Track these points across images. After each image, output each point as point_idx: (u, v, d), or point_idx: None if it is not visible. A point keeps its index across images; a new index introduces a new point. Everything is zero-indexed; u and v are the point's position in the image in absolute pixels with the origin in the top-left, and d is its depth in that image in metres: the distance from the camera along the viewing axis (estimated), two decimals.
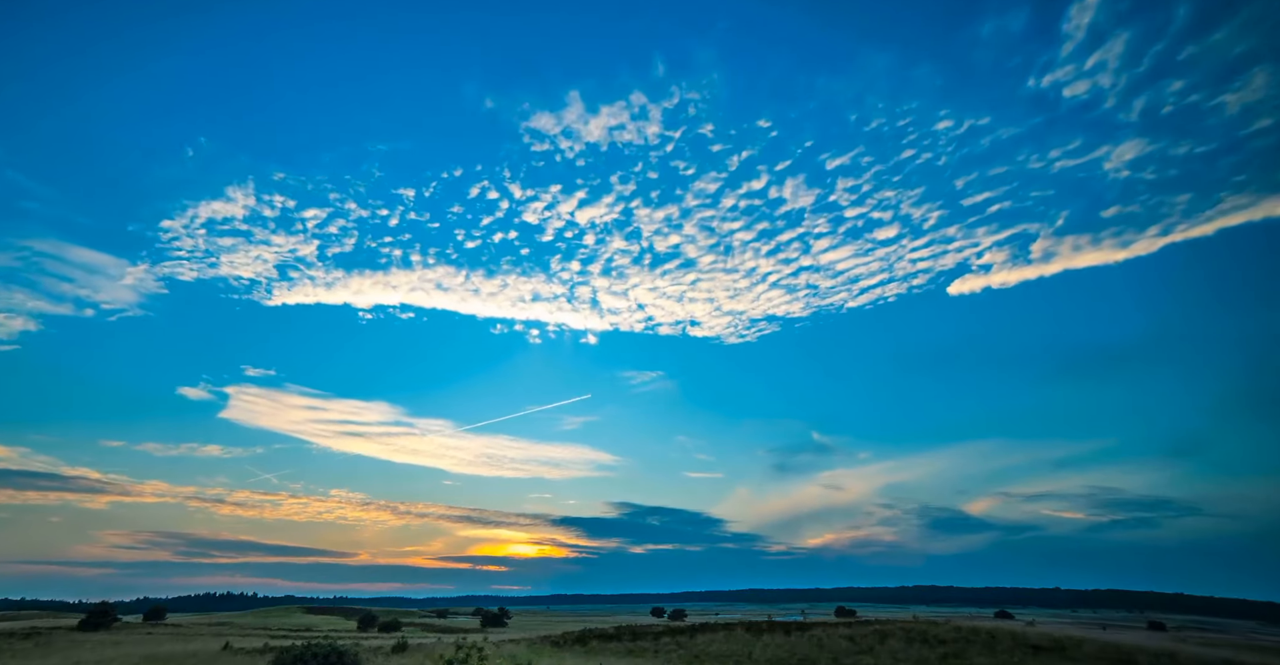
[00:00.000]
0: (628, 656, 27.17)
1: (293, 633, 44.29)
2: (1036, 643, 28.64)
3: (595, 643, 30.74)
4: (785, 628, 33.53)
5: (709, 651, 27.34)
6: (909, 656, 25.86)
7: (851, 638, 29.74)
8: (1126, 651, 27.30)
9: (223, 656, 26.18)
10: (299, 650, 19.84)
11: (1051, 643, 28.72)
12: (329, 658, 19.57)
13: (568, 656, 26.21)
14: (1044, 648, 27.67)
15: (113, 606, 46.50)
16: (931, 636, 29.88)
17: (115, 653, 27.70)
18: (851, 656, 25.89)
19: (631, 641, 30.61)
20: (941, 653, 26.51)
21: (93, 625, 41.58)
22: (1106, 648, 28.33)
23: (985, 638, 29.68)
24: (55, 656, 27.31)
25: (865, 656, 25.87)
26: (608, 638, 32.38)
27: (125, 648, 29.93)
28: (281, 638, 37.42)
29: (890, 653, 26.45)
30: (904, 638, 29.65)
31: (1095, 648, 28.21)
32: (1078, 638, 31.29)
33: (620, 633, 34.29)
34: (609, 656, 26.97)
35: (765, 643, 28.69)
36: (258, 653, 27.15)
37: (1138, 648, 28.73)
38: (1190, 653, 28.68)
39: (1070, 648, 27.88)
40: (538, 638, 34.41)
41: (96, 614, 42.93)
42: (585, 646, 29.55)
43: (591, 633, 35.00)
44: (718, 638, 30.45)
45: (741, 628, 33.96)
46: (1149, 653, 27.29)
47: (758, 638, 30.07)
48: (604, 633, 34.71)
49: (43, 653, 28.90)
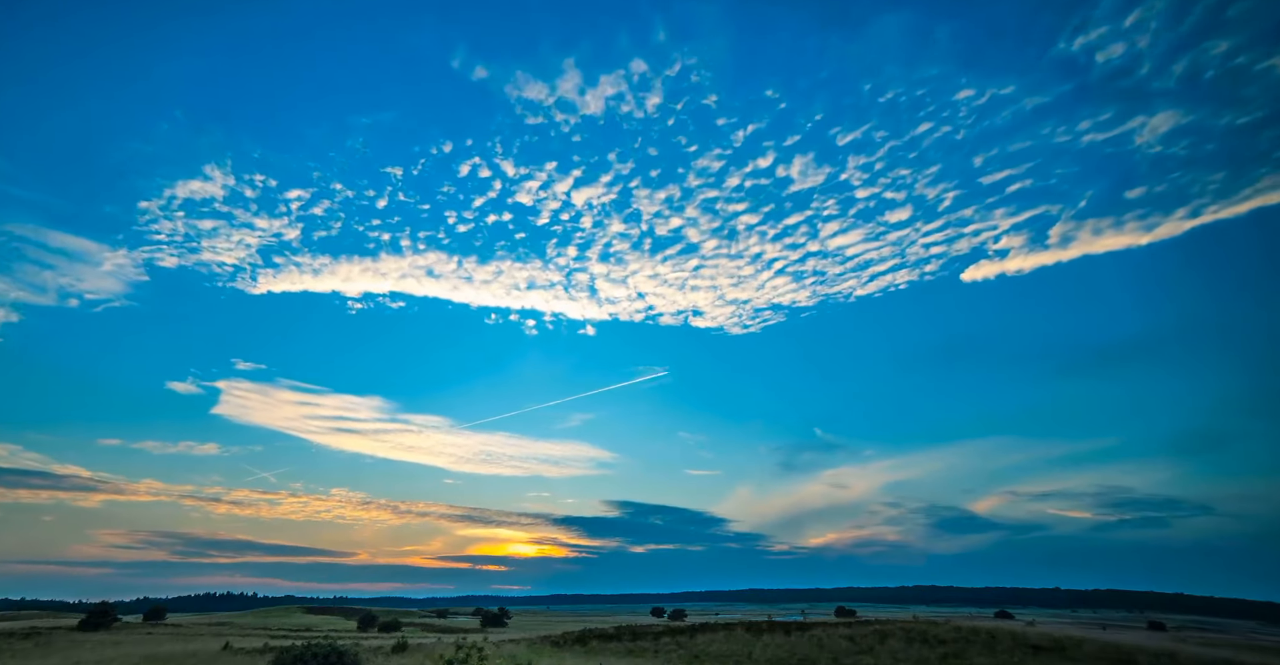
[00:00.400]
0: (628, 656, 27.17)
1: (293, 633, 44.29)
2: (1036, 643, 28.65)
3: (595, 643, 30.74)
4: (785, 628, 33.54)
5: (709, 651, 27.34)
6: (909, 656, 25.86)
7: (851, 638, 29.75)
8: (1126, 651, 27.31)
9: (223, 656, 26.18)
10: (299, 650, 19.84)
11: (1051, 643, 28.72)
12: (329, 658, 19.57)
13: (568, 656, 26.21)
14: (1044, 648, 27.67)
15: (113, 606, 46.51)
16: (931, 636, 29.89)
17: (115, 653, 27.70)
18: (851, 656, 25.89)
19: (631, 641, 30.61)
20: (941, 653, 26.51)
21: (93, 625, 41.58)
22: (1106, 648, 28.34)
23: (985, 638, 29.69)
24: (55, 656, 27.31)
25: (865, 656, 25.87)
26: (608, 638, 32.39)
27: (125, 648, 29.93)
28: (281, 638, 37.42)
29: (890, 653, 26.45)
30: (904, 638, 29.66)
31: (1095, 648, 28.22)
32: (1078, 638, 31.30)
33: (620, 633, 34.30)
34: (609, 656, 26.97)
35: (765, 643, 28.69)
36: (258, 653, 27.15)
37: (1138, 648, 28.74)
38: (1190, 653, 28.69)
39: (1070, 648, 27.88)
40: (538, 638, 34.42)
41: (96, 614, 42.93)
42: (585, 646, 29.55)
43: (591, 633, 35.01)
44: (718, 638, 30.45)
45: (741, 628, 33.97)
46: (1149, 653, 27.30)
47: (758, 638, 30.07)
48: (604, 633, 34.72)
49: (42, 653, 28.90)
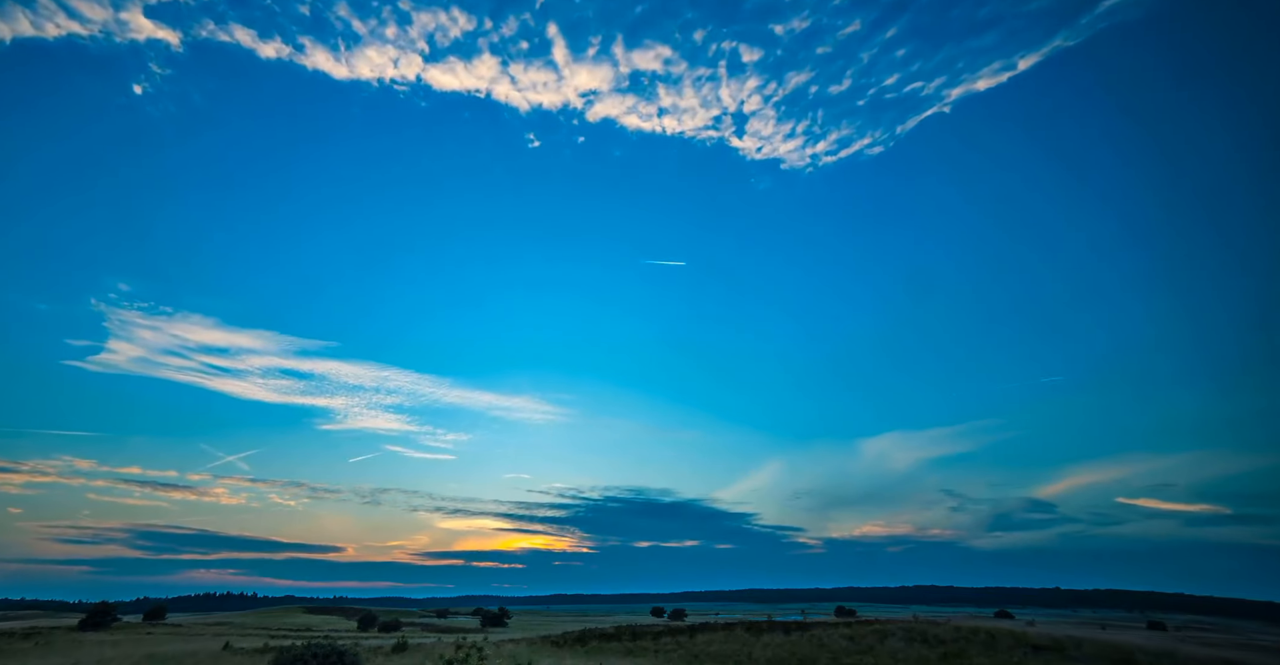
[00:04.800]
0: (628, 656, 27.17)
1: (293, 633, 44.30)
2: (1036, 643, 28.64)
3: (595, 642, 30.74)
4: (785, 627, 33.53)
5: (709, 651, 27.34)
6: (909, 656, 25.85)
7: (851, 637, 29.74)
8: (1126, 651, 27.30)
9: (223, 656, 26.17)
10: (299, 650, 19.83)
11: (1051, 643, 28.72)
12: (329, 658, 19.56)
13: (568, 656, 26.21)
14: (1044, 648, 27.66)
15: (113, 606, 46.51)
16: (931, 636, 29.88)
17: (115, 652, 27.69)
18: (851, 656, 25.88)
19: (631, 641, 30.61)
20: (941, 652, 26.50)
21: (92, 625, 41.59)
22: (1106, 648, 28.34)
23: (985, 638, 29.68)
24: (55, 656, 27.29)
25: (865, 656, 25.86)
26: (608, 637, 32.39)
27: (125, 647, 29.92)
28: (281, 638, 37.43)
29: (890, 652, 26.44)
30: (904, 637, 29.65)
31: (1095, 648, 28.22)
32: (1078, 638, 31.30)
33: (620, 632, 34.30)
34: (609, 656, 26.97)
35: (765, 642, 28.69)
36: (258, 652, 27.15)
37: (1137, 648, 28.72)
38: (1190, 653, 28.68)
39: (1070, 648, 27.87)
40: (538, 638, 34.43)
41: (96, 614, 42.94)
42: (585, 646, 29.55)
43: (591, 632, 35.01)
44: (718, 637, 30.45)
45: (741, 627, 33.96)
46: (1149, 653, 27.29)
47: (758, 637, 30.06)
48: (604, 632, 34.72)
49: (42, 652, 28.89)
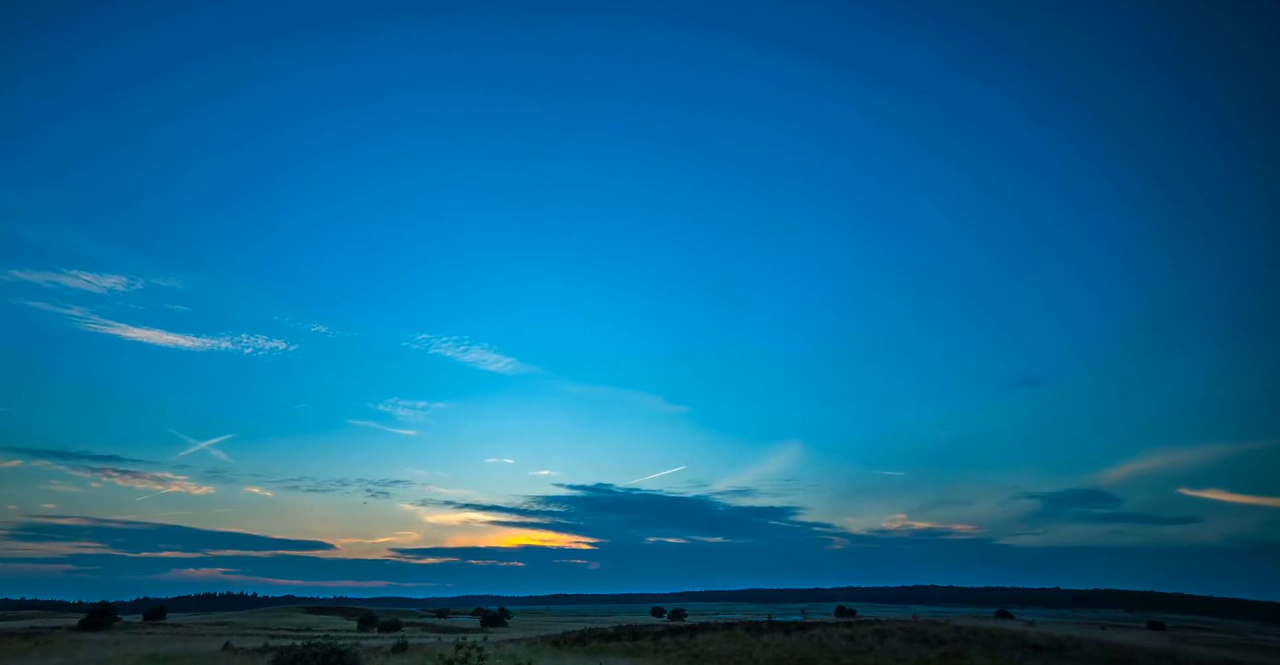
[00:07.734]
0: (628, 656, 27.17)
1: (293, 632, 44.28)
2: (1036, 643, 28.65)
3: (595, 642, 30.74)
4: (785, 627, 33.53)
5: (709, 651, 27.34)
6: (909, 656, 25.85)
7: (851, 637, 29.74)
8: (1126, 651, 27.30)
9: (223, 656, 26.17)
10: (299, 650, 19.81)
11: (1051, 643, 28.72)
12: (329, 658, 19.54)
13: (568, 656, 26.21)
14: (1044, 648, 27.67)
15: (113, 606, 46.52)
16: (931, 636, 29.88)
17: (115, 652, 27.67)
18: (851, 656, 25.88)
19: (631, 641, 30.61)
20: (941, 652, 26.50)
21: (93, 625, 41.59)
22: (1106, 647, 28.35)
23: (985, 638, 29.68)
24: (55, 656, 27.28)
25: (865, 656, 25.86)
26: (608, 637, 32.39)
27: (125, 647, 29.91)
28: (281, 637, 37.40)
29: (890, 652, 26.44)
30: (904, 637, 29.65)
31: (1095, 648, 28.22)
32: (1078, 638, 31.31)
33: (620, 632, 34.30)
34: (609, 656, 26.97)
35: (765, 642, 28.69)
36: (258, 652, 27.14)
37: (1138, 648, 28.73)
38: (1190, 653, 28.68)
39: (1070, 648, 27.88)
40: (538, 638, 34.43)
41: (97, 613, 42.95)
42: (585, 646, 29.55)
43: (592, 632, 35.01)
44: (718, 637, 30.45)
45: (741, 627, 33.96)
46: (1149, 653, 27.29)
47: (758, 637, 30.06)
48: (604, 632, 34.72)
49: (42, 652, 28.87)
